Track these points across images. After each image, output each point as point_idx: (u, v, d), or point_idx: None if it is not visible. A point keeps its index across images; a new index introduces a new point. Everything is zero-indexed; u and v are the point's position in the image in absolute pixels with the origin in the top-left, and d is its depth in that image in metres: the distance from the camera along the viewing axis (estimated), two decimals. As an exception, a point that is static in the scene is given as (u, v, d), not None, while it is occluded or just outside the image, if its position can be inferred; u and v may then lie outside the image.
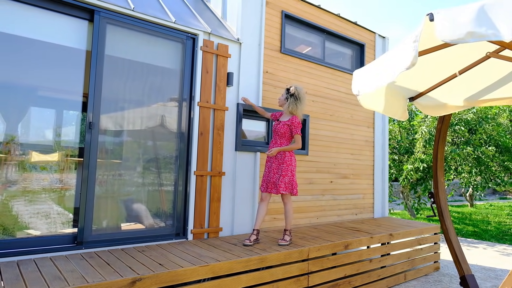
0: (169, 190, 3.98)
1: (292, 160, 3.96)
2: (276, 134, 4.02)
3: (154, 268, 2.87)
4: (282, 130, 3.95)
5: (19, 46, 3.22)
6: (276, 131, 4.01)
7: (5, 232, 3.14)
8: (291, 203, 4.00)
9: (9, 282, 2.44)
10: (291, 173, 3.90)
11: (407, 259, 4.96)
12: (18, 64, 3.22)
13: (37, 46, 3.31)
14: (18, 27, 3.22)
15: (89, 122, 3.47)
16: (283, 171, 3.88)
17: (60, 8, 3.39)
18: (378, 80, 2.53)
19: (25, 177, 3.38)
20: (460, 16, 1.80)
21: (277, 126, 4.00)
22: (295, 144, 3.95)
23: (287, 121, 3.97)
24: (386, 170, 6.34)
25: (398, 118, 3.70)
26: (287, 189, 3.85)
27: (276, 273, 3.47)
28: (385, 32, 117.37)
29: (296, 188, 3.92)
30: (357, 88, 3.05)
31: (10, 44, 3.17)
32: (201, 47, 4.16)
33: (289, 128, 3.95)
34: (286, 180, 3.86)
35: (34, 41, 3.29)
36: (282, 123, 3.98)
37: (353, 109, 5.93)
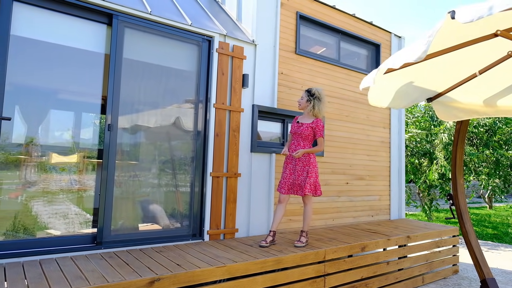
0: (185, 191, 4.02)
1: (316, 162, 3.97)
2: (299, 136, 3.97)
3: (172, 268, 2.90)
4: (306, 133, 3.92)
5: (40, 50, 3.30)
6: (299, 133, 3.96)
7: (27, 231, 3.22)
8: (311, 205, 3.98)
9: (32, 281, 2.50)
10: (316, 175, 3.91)
11: (425, 262, 4.88)
12: (39, 68, 3.30)
13: (57, 50, 3.39)
14: (40, 32, 3.31)
15: (108, 124, 3.53)
16: (309, 173, 3.86)
17: (80, 13, 3.47)
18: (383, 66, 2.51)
19: (45, 178, 3.47)
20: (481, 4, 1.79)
21: (300, 128, 3.96)
22: (318, 147, 3.93)
23: (311, 123, 3.95)
24: (403, 171, 6.26)
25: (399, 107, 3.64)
26: (311, 191, 3.85)
27: (292, 274, 3.47)
28: (400, 31, 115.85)
29: (319, 189, 3.93)
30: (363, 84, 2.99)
31: (31, 49, 3.26)
32: (216, 49, 4.19)
33: (313, 130, 3.94)
34: (311, 182, 3.86)
35: (54, 46, 3.38)
36: (305, 125, 3.95)
37: (369, 110, 5.87)
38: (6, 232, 3.11)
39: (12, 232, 3.14)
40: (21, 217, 3.21)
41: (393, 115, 6.24)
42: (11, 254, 2.98)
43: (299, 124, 4.02)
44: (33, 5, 3.24)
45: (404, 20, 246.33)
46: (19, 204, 3.23)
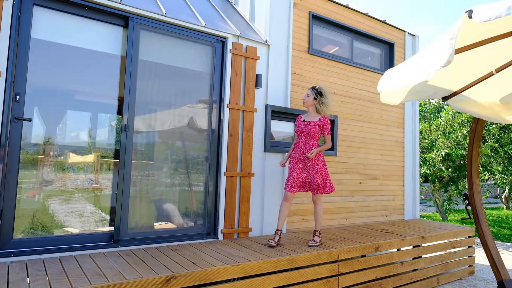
0: (199, 191, 4.07)
1: (324, 159, 3.99)
2: (306, 135, 3.95)
3: (188, 266, 2.95)
4: (315, 131, 3.92)
5: (58, 53, 3.38)
6: (306, 132, 3.94)
7: (46, 229, 3.31)
8: (322, 204, 4.00)
9: (53, 278, 2.58)
10: (326, 173, 3.93)
11: (440, 263, 4.84)
12: (57, 70, 3.39)
13: (75, 53, 3.47)
14: (58, 35, 3.39)
15: (124, 125, 3.60)
16: (320, 171, 3.88)
17: (97, 16, 3.54)
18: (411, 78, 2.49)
19: (63, 178, 3.55)
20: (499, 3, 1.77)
21: (308, 127, 3.94)
22: (327, 144, 3.93)
23: (318, 121, 3.94)
24: (417, 171, 6.20)
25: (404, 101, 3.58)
26: (325, 189, 3.87)
27: (306, 274, 3.48)
28: (414, 30, 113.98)
29: (333, 186, 3.95)
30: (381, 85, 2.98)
31: (50, 51, 3.34)
32: (230, 50, 4.23)
33: (320, 128, 3.94)
34: (323, 180, 3.88)
35: (72, 48, 3.46)
36: (312, 124, 3.94)
37: (383, 109, 5.84)
38: (27, 229, 3.20)
39: (33, 230, 3.23)
40: (40, 215, 3.30)
41: (407, 114, 6.19)
42: (32, 251, 3.07)
43: (305, 122, 3.99)
44: (52, 9, 3.32)
45: (422, 18, 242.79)
46: (38, 202, 3.32)
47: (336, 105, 5.24)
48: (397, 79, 2.69)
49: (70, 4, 3.39)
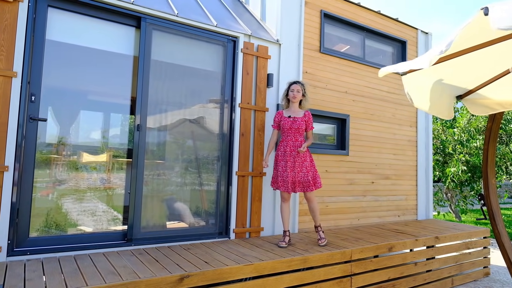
0: (211, 190, 4.08)
1: (311, 155, 4.01)
2: (295, 131, 3.89)
3: (200, 266, 2.96)
4: (302, 127, 3.93)
5: (72, 53, 3.42)
6: (295, 128, 3.88)
7: (61, 228, 3.35)
8: (315, 199, 3.96)
9: (69, 276, 2.61)
10: (315, 168, 3.94)
11: (454, 263, 4.77)
12: (71, 71, 3.42)
13: (88, 53, 3.51)
14: (72, 36, 3.43)
15: (137, 124, 3.63)
16: (313, 167, 3.91)
17: (110, 17, 3.57)
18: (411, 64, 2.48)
19: (76, 177, 3.59)
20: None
21: (296, 123, 3.88)
22: (310, 140, 3.98)
23: (304, 117, 3.95)
24: (430, 171, 6.12)
25: (444, 117, 3.58)
26: (316, 185, 3.88)
27: (319, 274, 3.46)
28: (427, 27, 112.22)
29: (320, 181, 3.94)
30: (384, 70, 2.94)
31: (64, 52, 3.38)
32: (241, 49, 4.22)
33: (305, 123, 3.96)
34: (314, 176, 3.88)
35: (86, 49, 3.49)
36: (299, 120, 3.90)
37: (395, 108, 5.77)
38: (41, 228, 3.24)
39: (47, 229, 3.28)
40: (54, 214, 3.35)
41: (420, 113, 6.11)
42: (47, 249, 3.11)
43: (291, 119, 3.92)
44: (66, 10, 3.36)
45: (435, 16, 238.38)
46: (52, 201, 3.37)
47: (347, 104, 5.20)
48: (401, 65, 2.69)
49: (84, 5, 3.42)
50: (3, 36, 2.97)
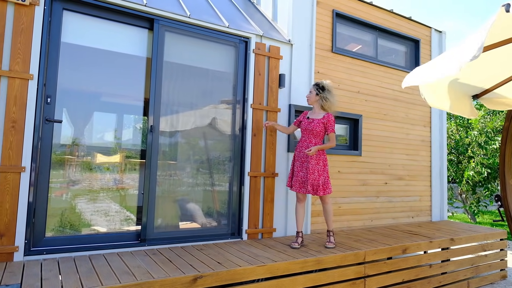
0: (224, 191, 4.09)
1: (327, 158, 3.88)
2: (310, 133, 3.83)
3: (214, 266, 2.96)
4: (318, 129, 3.79)
5: (86, 55, 3.46)
6: (310, 129, 3.82)
7: (76, 228, 3.39)
8: (331, 202, 3.93)
9: (84, 276, 2.63)
10: (327, 173, 3.83)
11: (470, 266, 4.68)
12: (85, 72, 3.46)
13: (102, 55, 3.54)
14: (86, 38, 3.47)
15: (150, 126, 3.65)
16: (326, 172, 3.82)
17: (123, 19, 3.60)
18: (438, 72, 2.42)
19: (90, 177, 3.63)
20: None
21: (311, 125, 3.82)
22: (331, 142, 3.82)
23: (322, 119, 3.82)
24: (445, 171, 6.03)
25: (467, 116, 3.53)
26: (329, 190, 3.80)
27: (333, 275, 3.44)
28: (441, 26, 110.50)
29: (331, 187, 3.88)
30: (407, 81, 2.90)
31: (78, 54, 3.42)
32: (253, 50, 4.22)
33: (324, 126, 3.82)
34: (325, 180, 3.80)
35: (99, 51, 3.53)
36: (316, 121, 3.82)
37: (408, 108, 5.70)
38: (56, 228, 3.29)
39: (62, 228, 3.32)
40: (69, 214, 3.39)
41: (434, 113, 6.03)
42: (63, 249, 3.15)
43: (309, 120, 3.87)
44: (81, 13, 3.40)
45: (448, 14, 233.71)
46: (66, 201, 3.41)
47: (360, 104, 5.15)
48: (426, 73, 2.62)
49: (98, 7, 3.46)
50: (19, 39, 3.02)
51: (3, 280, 2.50)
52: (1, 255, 2.89)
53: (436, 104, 3.44)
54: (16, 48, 3.01)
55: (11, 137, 2.97)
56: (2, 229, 2.91)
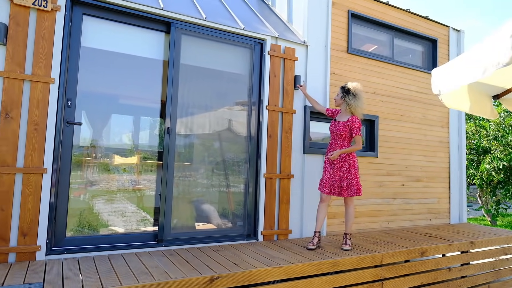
0: (239, 192, 4.10)
1: (356, 161, 3.85)
2: (335, 136, 3.86)
3: (230, 267, 2.98)
4: (342, 132, 3.79)
5: (104, 59, 3.53)
6: (335, 132, 3.84)
7: (95, 228, 3.46)
8: (353, 206, 3.91)
9: (104, 275, 2.69)
10: (356, 175, 3.81)
11: (491, 270, 4.58)
12: (103, 76, 3.53)
13: (120, 59, 3.61)
14: (104, 42, 3.54)
15: (167, 128, 3.70)
16: (349, 174, 3.79)
17: (141, 23, 3.67)
18: (465, 77, 2.38)
19: (108, 179, 3.70)
20: None
21: (336, 127, 3.84)
22: (356, 145, 3.78)
23: (346, 121, 3.81)
24: (464, 173, 5.91)
25: (487, 117, 3.46)
26: (353, 192, 3.78)
27: (349, 278, 3.41)
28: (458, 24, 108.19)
29: (360, 189, 3.83)
30: (437, 88, 2.91)
31: (97, 58, 3.50)
32: (268, 52, 4.23)
33: (349, 129, 3.80)
34: (353, 183, 3.78)
35: (118, 54, 3.60)
36: (341, 124, 3.82)
37: (426, 109, 5.62)
38: (75, 228, 3.36)
39: (81, 229, 3.39)
40: (88, 214, 3.46)
41: (452, 113, 5.92)
42: (83, 249, 3.22)
43: (335, 122, 3.89)
44: (100, 17, 3.48)
45: (466, 12, 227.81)
46: (85, 202, 3.48)
47: (376, 105, 5.10)
48: (452, 79, 2.58)
49: (116, 12, 3.53)
50: (41, 44, 3.11)
51: (27, 279, 2.57)
52: (24, 254, 2.98)
53: (454, 105, 3.38)
54: (38, 52, 3.09)
55: (33, 139, 3.06)
56: (25, 229, 2.99)
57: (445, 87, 2.70)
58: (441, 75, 2.79)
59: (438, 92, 2.83)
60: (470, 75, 2.37)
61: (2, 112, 2.95)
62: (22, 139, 3.03)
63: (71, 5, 3.30)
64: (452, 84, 2.62)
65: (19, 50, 3.03)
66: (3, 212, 2.93)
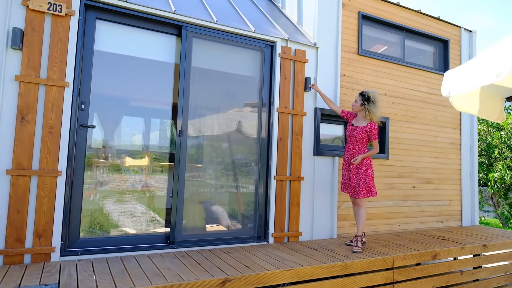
0: (250, 194, 4.12)
1: (371, 163, 3.96)
2: (353, 140, 3.99)
3: (241, 269, 2.99)
4: (361, 136, 3.94)
5: (117, 62, 3.58)
6: (353, 136, 3.98)
7: (107, 230, 3.51)
8: (365, 208, 3.96)
9: (117, 277, 2.72)
10: (369, 177, 3.89)
11: (504, 273, 4.52)
12: (115, 79, 3.58)
13: (132, 62, 3.65)
14: (117, 46, 3.58)
15: (178, 130, 3.73)
16: (363, 175, 3.89)
17: (153, 26, 3.70)
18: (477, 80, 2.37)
19: (120, 180, 3.74)
20: None
21: (354, 132, 3.97)
22: (374, 149, 3.91)
23: (365, 127, 3.93)
24: (476, 175, 5.85)
25: (495, 120, 3.43)
26: (365, 193, 3.85)
27: (360, 280, 3.40)
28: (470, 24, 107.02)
29: (374, 190, 3.90)
30: (447, 90, 2.89)
31: (109, 61, 3.54)
32: (279, 54, 4.24)
33: (367, 134, 3.93)
34: (365, 184, 3.86)
35: (130, 58, 3.64)
36: (359, 129, 3.94)
37: (437, 110, 5.57)
38: (87, 229, 3.41)
39: (94, 230, 3.44)
40: (100, 216, 3.50)
41: (464, 115, 5.86)
42: (96, 250, 3.27)
43: (353, 127, 4.01)
44: (113, 22, 3.52)
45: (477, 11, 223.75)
46: (97, 204, 3.53)
47: (387, 107, 5.08)
48: (464, 81, 2.57)
49: (129, 16, 3.57)
50: (56, 48, 3.16)
51: (42, 280, 2.62)
52: (39, 255, 3.03)
53: (464, 107, 3.36)
54: (53, 57, 3.15)
55: (48, 142, 3.11)
56: (40, 231, 3.05)
57: (456, 90, 2.68)
58: (453, 78, 2.77)
59: (447, 94, 2.82)
60: (483, 78, 2.36)
61: (18, 116, 3.01)
62: (38, 142, 3.08)
63: (84, 10, 3.35)
64: (463, 87, 2.60)
65: (34, 55, 3.08)
66: (19, 214, 2.99)
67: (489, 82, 2.35)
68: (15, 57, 3.03)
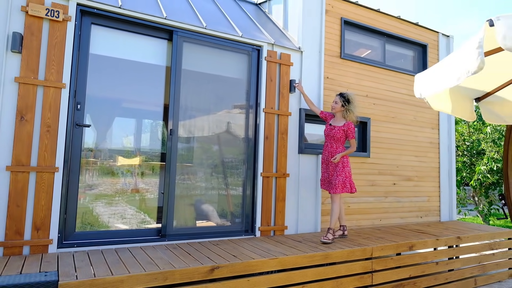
0: (238, 190, 4.34)
1: (348, 161, 4.20)
2: (331, 139, 4.22)
3: (229, 258, 3.21)
4: (338, 135, 4.17)
5: (110, 65, 3.77)
6: (331, 135, 4.20)
7: (102, 224, 3.69)
8: (338, 203, 4.13)
9: (113, 265, 2.91)
10: (346, 174, 4.11)
11: (477, 264, 4.81)
12: (109, 81, 3.77)
13: (125, 65, 3.85)
14: (111, 50, 3.78)
15: (170, 130, 3.93)
16: (339, 172, 4.10)
17: (145, 31, 3.91)
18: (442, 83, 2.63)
19: (113, 179, 3.92)
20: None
21: (332, 131, 4.20)
22: (352, 148, 4.17)
23: (343, 126, 4.17)
24: (453, 173, 6.16)
25: (466, 119, 3.70)
26: (339, 189, 4.05)
27: (340, 269, 3.64)
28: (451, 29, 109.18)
29: (353, 187, 4.16)
30: (419, 92, 3.15)
31: (103, 64, 3.73)
32: (265, 58, 4.48)
33: (345, 133, 4.17)
34: (340, 180, 4.07)
35: (123, 61, 3.83)
36: (337, 128, 4.18)
37: (416, 111, 5.87)
38: (86, 224, 3.59)
39: (89, 225, 3.62)
40: (94, 213, 3.69)
41: (442, 115, 6.17)
42: (91, 243, 3.45)
43: (331, 127, 4.24)
44: (107, 26, 3.72)
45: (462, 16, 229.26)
46: (93, 200, 3.71)
47: (368, 108, 5.35)
48: (430, 86, 2.83)
49: (122, 21, 3.77)
50: (54, 51, 3.35)
51: (42, 269, 2.79)
52: (37, 247, 3.20)
53: (438, 106, 3.62)
54: (51, 60, 3.33)
55: (46, 140, 3.29)
56: (38, 224, 3.22)
57: (426, 91, 2.94)
58: (422, 80, 3.04)
59: (419, 95, 3.08)
60: (447, 81, 2.62)
61: (18, 115, 3.19)
62: (36, 140, 3.26)
63: (80, 15, 3.55)
64: (432, 89, 2.86)
65: (33, 58, 3.27)
66: (18, 208, 3.16)
67: (453, 84, 2.60)
68: (14, 60, 3.21)
